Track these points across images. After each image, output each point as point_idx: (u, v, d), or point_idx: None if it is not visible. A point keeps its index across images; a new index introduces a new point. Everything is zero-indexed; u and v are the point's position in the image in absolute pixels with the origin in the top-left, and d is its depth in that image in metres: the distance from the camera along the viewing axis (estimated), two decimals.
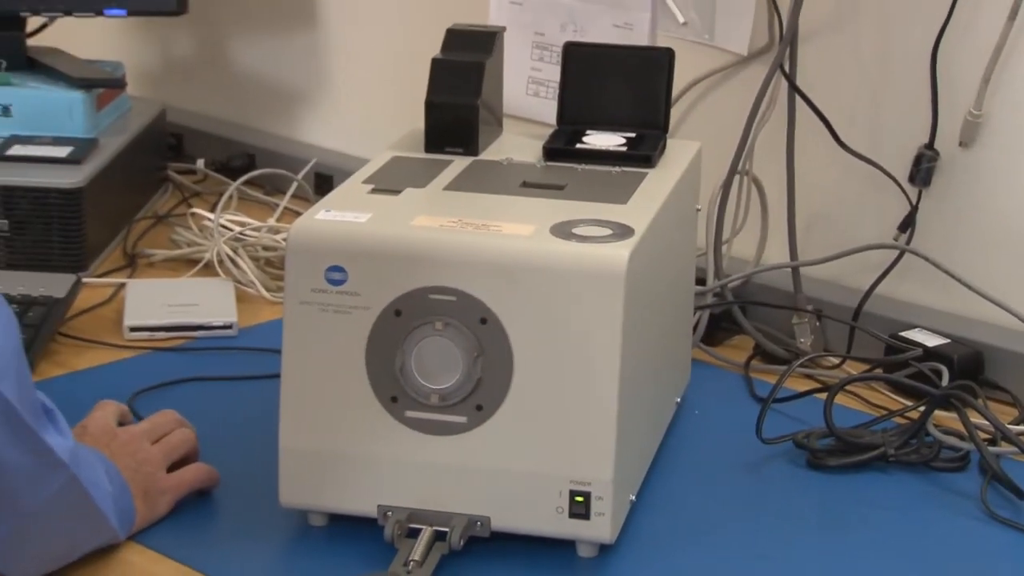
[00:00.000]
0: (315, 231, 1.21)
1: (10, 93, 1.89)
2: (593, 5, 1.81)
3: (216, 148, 2.12)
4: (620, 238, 1.19)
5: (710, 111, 1.75)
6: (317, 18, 2.09)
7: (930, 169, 1.59)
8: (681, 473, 1.36)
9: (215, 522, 1.28)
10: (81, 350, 1.60)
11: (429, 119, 1.40)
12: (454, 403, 1.18)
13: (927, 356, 1.52)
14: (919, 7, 1.58)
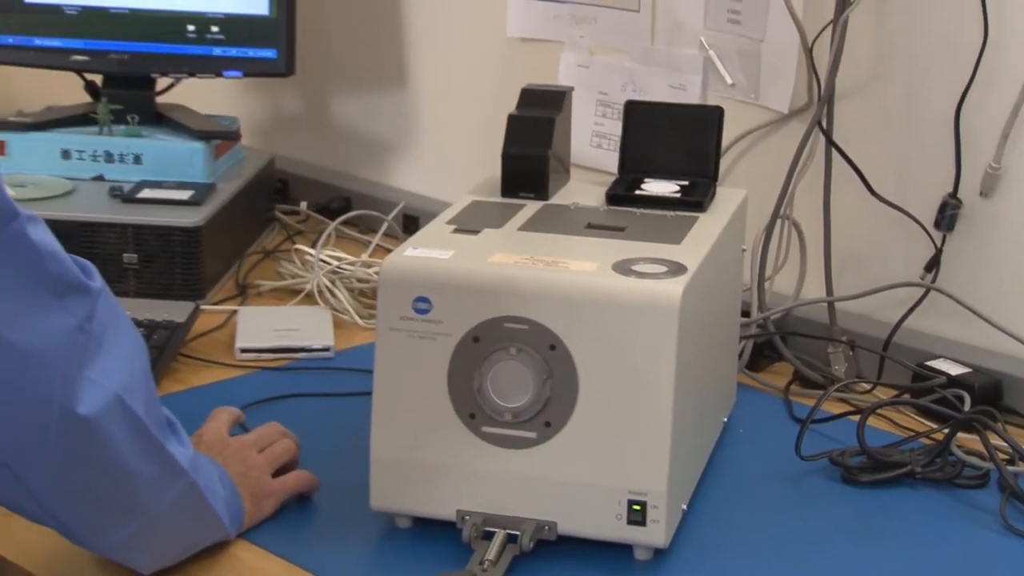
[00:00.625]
0: (404, 266, 1.21)
1: (141, 144, 1.90)
2: (651, 68, 1.81)
3: (317, 192, 2.13)
4: (675, 275, 1.18)
5: (755, 162, 1.74)
6: (407, 79, 2.10)
7: (954, 216, 1.58)
8: (727, 485, 1.35)
9: (313, 523, 1.28)
10: (198, 369, 1.61)
11: (505, 167, 1.40)
12: (525, 420, 1.18)
13: (950, 384, 1.50)
14: (944, 71, 1.56)
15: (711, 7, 1.74)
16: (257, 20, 1.96)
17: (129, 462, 1.06)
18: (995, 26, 1.51)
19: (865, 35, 1.61)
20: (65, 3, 1.96)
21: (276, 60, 1.97)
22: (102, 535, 1.10)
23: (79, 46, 1.96)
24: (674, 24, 1.78)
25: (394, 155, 2.14)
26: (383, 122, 2.14)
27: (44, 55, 1.96)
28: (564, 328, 1.16)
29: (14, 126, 1.91)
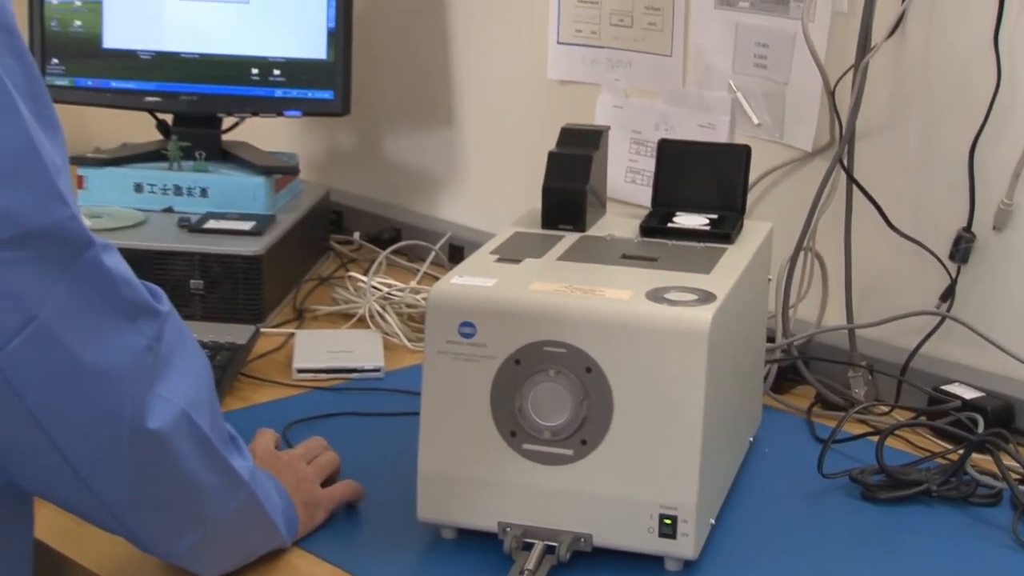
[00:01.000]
0: (450, 293, 1.21)
1: (208, 178, 1.91)
2: (682, 109, 1.81)
3: (369, 223, 2.13)
4: (704, 303, 1.18)
5: (780, 197, 1.73)
6: (454, 117, 2.11)
7: (968, 249, 1.57)
8: (753, 501, 1.34)
9: (363, 533, 1.27)
10: (258, 388, 1.61)
11: (545, 201, 1.40)
12: (563, 438, 1.18)
13: (965, 407, 1.49)
14: (959, 113, 1.56)
15: (739, 52, 1.74)
16: (316, 64, 1.97)
17: (195, 474, 1.06)
18: (1007, 71, 1.50)
19: (884, 79, 1.61)
20: (140, 49, 1.97)
21: (333, 101, 1.98)
22: (169, 543, 1.10)
23: (152, 88, 1.98)
24: (704, 68, 1.78)
25: (441, 189, 2.14)
26: (431, 158, 2.15)
27: (120, 96, 1.98)
28: (600, 352, 1.16)
29: (92, 162, 1.93)
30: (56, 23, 1.96)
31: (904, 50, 1.59)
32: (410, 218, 2.13)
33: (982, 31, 1.51)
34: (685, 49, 1.80)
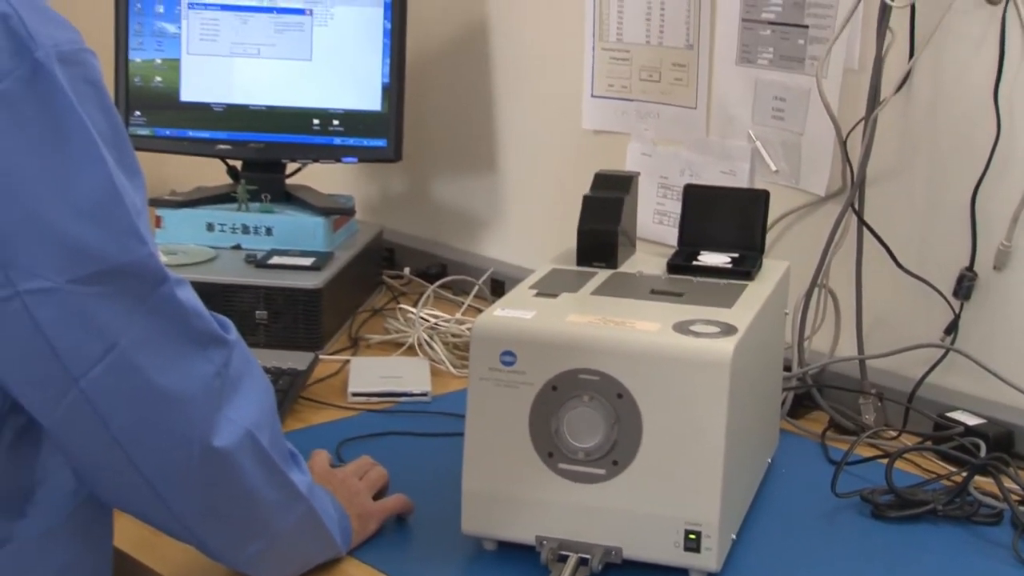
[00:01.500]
0: (493, 324, 1.21)
1: (272, 219, 1.92)
2: (705, 157, 1.81)
3: (418, 259, 2.14)
4: (726, 335, 1.18)
5: (796, 238, 1.73)
6: (496, 164, 2.11)
7: (970, 286, 1.56)
8: (772, 518, 1.33)
9: (412, 544, 1.27)
10: (316, 410, 1.61)
11: (580, 241, 1.40)
12: (596, 459, 1.18)
13: (968, 432, 1.47)
14: (962, 161, 1.55)
15: (758, 105, 1.74)
16: (371, 115, 1.97)
17: (258, 489, 1.06)
18: (1007, 124, 1.50)
19: (892, 130, 1.60)
20: (213, 102, 1.99)
21: (386, 148, 1.98)
22: (235, 551, 1.10)
23: (223, 137, 1.99)
24: (726, 119, 1.78)
25: (484, 228, 2.14)
26: (475, 200, 2.15)
27: (195, 144, 1.99)
28: (630, 379, 1.16)
29: (168, 203, 1.94)
30: (139, 79, 1.98)
31: (911, 104, 1.59)
32: (455, 255, 2.13)
33: (983, 87, 1.51)
34: (708, 102, 1.80)
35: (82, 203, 0.92)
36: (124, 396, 0.97)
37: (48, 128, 0.90)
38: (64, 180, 0.91)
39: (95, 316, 0.94)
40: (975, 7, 1.50)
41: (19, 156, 0.90)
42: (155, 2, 1.96)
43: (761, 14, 1.71)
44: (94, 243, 0.93)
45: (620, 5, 1.86)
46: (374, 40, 1.96)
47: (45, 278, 0.92)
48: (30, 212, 0.90)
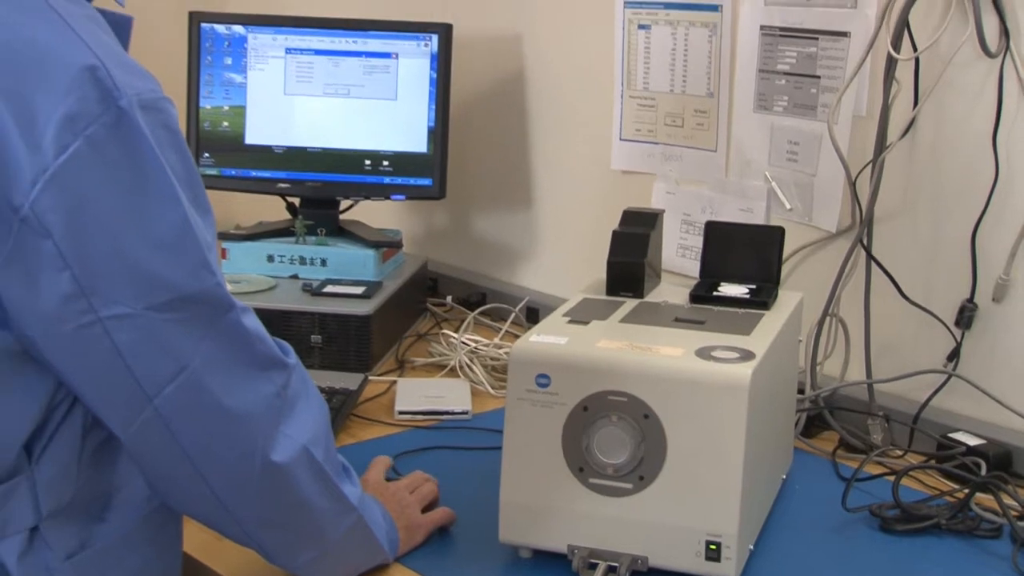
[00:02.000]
0: (529, 349, 1.21)
1: (327, 251, 1.93)
2: (725, 196, 1.81)
3: (460, 288, 2.14)
4: (745, 360, 1.18)
5: (809, 271, 1.72)
6: (532, 201, 2.11)
7: (971, 316, 1.55)
8: (786, 530, 1.32)
9: (453, 552, 1.27)
10: (366, 426, 1.61)
11: (609, 272, 1.40)
12: (624, 474, 1.17)
13: (969, 452, 1.46)
14: (963, 201, 1.54)
15: (774, 148, 1.73)
16: (418, 156, 1.98)
17: (313, 499, 1.06)
18: (1004, 167, 1.49)
19: (898, 172, 1.59)
20: (274, 144, 2.00)
21: (431, 187, 1.99)
22: (291, 556, 1.10)
23: (283, 176, 2.00)
24: (744, 161, 1.78)
25: (521, 260, 2.15)
26: (512, 234, 2.16)
27: (257, 183, 2.00)
28: (656, 401, 1.16)
29: (233, 237, 1.95)
30: (208, 124, 1.99)
31: (915, 148, 1.58)
32: (494, 284, 2.13)
33: (982, 134, 1.50)
34: (728, 145, 1.80)
35: (159, 237, 0.93)
36: (193, 414, 0.97)
37: (130, 169, 0.91)
38: (143, 216, 0.92)
39: (168, 340, 0.95)
40: (975, 60, 1.49)
41: (104, 194, 0.91)
42: (223, 55, 1.99)
43: (777, 65, 1.71)
44: (169, 273, 0.94)
45: (646, 56, 1.87)
46: (421, 88, 1.97)
47: (124, 305, 0.92)
48: (112, 245, 0.91)
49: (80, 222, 0.90)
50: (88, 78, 0.89)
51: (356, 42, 1.98)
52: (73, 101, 0.89)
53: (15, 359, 0.95)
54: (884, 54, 1.54)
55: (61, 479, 1.00)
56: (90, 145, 0.89)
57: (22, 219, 0.89)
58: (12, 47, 0.89)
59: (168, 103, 0.96)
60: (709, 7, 1.77)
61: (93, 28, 0.93)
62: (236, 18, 2.00)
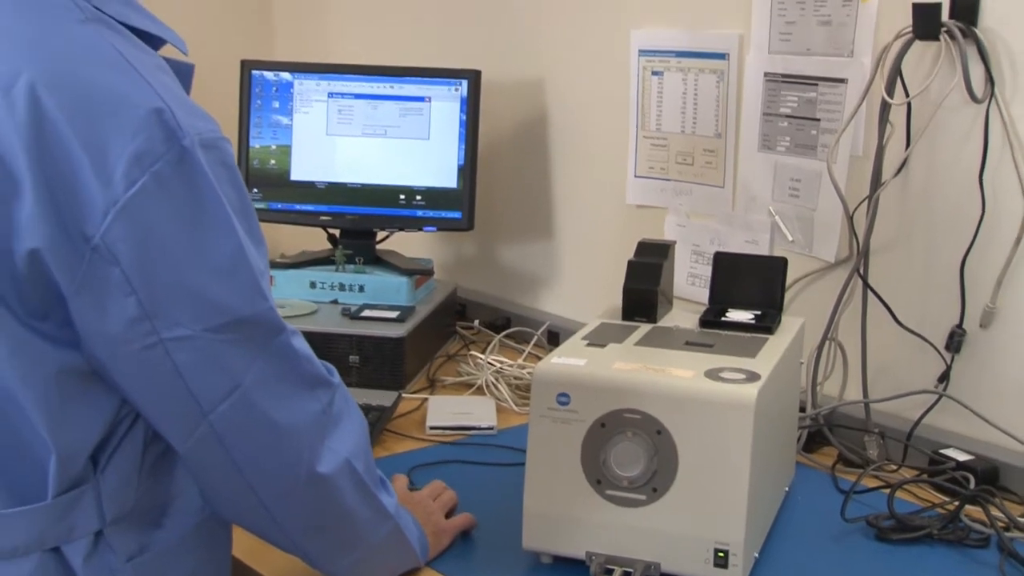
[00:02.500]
0: (550, 370, 1.21)
1: (364, 278, 1.93)
2: (731, 228, 1.80)
3: (486, 313, 2.14)
4: (751, 381, 1.17)
5: (810, 298, 1.71)
6: (553, 232, 2.11)
7: (960, 341, 1.54)
8: (789, 539, 1.32)
9: (479, 557, 1.27)
10: (399, 440, 1.61)
11: (625, 299, 1.40)
12: (638, 486, 1.17)
13: (959, 467, 1.45)
14: (952, 234, 1.53)
15: (777, 185, 1.73)
16: (448, 191, 1.99)
17: (354, 508, 1.06)
18: (990, 203, 1.49)
19: (892, 207, 1.59)
20: (317, 180, 2.01)
21: (461, 219, 1.99)
22: (333, 561, 1.10)
23: (325, 210, 2.01)
24: (749, 197, 1.77)
25: (543, 287, 2.14)
26: (535, 263, 2.16)
27: (301, 216, 2.01)
28: (668, 418, 1.16)
29: (279, 265, 1.96)
30: (257, 162, 2.01)
31: (908, 186, 1.58)
32: (518, 309, 2.13)
33: (970, 172, 1.50)
34: (734, 182, 1.79)
35: (217, 265, 0.93)
36: (245, 428, 0.98)
37: (191, 202, 0.92)
38: (203, 245, 0.93)
39: (224, 359, 0.95)
40: (963, 105, 1.49)
41: (167, 225, 0.91)
42: (271, 99, 2.00)
43: (779, 109, 1.71)
44: (225, 298, 0.94)
45: (659, 100, 1.87)
46: (452, 129, 1.97)
47: (184, 327, 0.93)
48: (174, 271, 0.92)
49: (145, 250, 0.91)
50: (155, 120, 0.90)
51: (392, 87, 1.99)
52: (141, 140, 0.89)
53: (85, 378, 0.95)
54: (879, 99, 1.54)
55: (123, 488, 1.01)
56: (156, 180, 0.90)
57: (93, 248, 0.89)
58: (90, 94, 0.90)
59: (226, 142, 0.97)
60: (717, 55, 1.78)
61: (160, 75, 0.94)
62: (283, 65, 2.02)
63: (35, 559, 0.96)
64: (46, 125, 0.88)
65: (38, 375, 0.93)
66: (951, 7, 1.47)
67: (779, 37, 1.68)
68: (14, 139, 0.88)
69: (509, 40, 2.09)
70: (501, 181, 2.17)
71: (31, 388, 0.93)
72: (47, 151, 0.88)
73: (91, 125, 0.89)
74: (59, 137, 0.88)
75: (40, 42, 0.91)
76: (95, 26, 0.93)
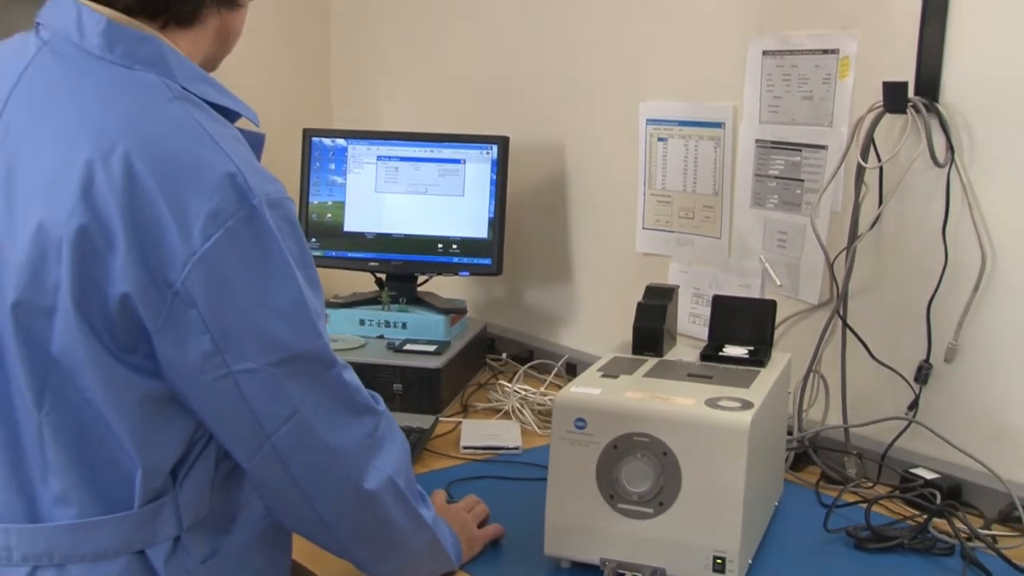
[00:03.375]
0: (569, 398, 1.21)
1: (407, 316, 1.94)
2: (728, 274, 1.80)
3: (512, 347, 2.14)
4: (745, 409, 1.17)
5: (796, 335, 1.70)
6: (572, 277, 2.11)
7: (927, 374, 1.53)
8: (778, 548, 1.31)
9: (506, 562, 1.26)
10: (436, 458, 1.61)
11: (635, 336, 1.40)
12: (646, 500, 1.17)
13: (927, 484, 1.44)
14: (919, 280, 1.53)
15: (767, 236, 1.73)
16: (480, 241, 1.99)
17: (397, 520, 1.06)
18: (952, 253, 1.48)
19: (867, 256, 1.59)
20: (366, 231, 2.02)
21: (490, 265, 2.00)
22: (379, 566, 1.10)
23: (373, 257, 2.02)
24: (743, 247, 1.78)
25: (562, 324, 2.14)
26: (556, 303, 2.16)
27: (352, 263, 2.02)
28: (673, 441, 1.15)
29: (332, 305, 1.96)
30: (316, 215, 2.02)
31: (881, 238, 1.58)
32: (540, 344, 2.13)
33: (934, 227, 1.50)
34: (730, 234, 1.79)
35: (279, 307, 0.94)
36: (302, 449, 0.98)
37: (258, 253, 0.93)
38: (267, 290, 0.94)
39: (284, 389, 0.96)
40: (927, 169, 1.49)
41: (237, 273, 0.92)
42: (329, 161, 2.02)
43: (769, 170, 1.71)
44: (286, 336, 0.95)
45: (664, 162, 1.87)
46: (484, 187, 1.99)
47: (251, 361, 0.93)
48: (243, 313, 0.93)
49: (218, 294, 0.91)
50: (229, 183, 0.91)
51: (432, 151, 2.01)
52: (217, 200, 0.91)
53: (166, 404, 0.96)
54: (855, 163, 1.54)
55: (198, 499, 1.02)
56: (228, 235, 0.91)
57: (175, 293, 0.91)
58: (175, 162, 0.91)
59: (290, 201, 0.98)
60: (714, 124, 1.78)
61: (235, 144, 0.96)
62: (339, 133, 2.04)
63: (123, 561, 0.97)
64: (137, 189, 0.90)
65: (127, 401, 0.94)
66: (916, 85, 1.48)
67: (768, 109, 1.69)
68: (111, 200, 0.90)
69: (534, 110, 2.11)
70: (526, 232, 2.18)
71: (121, 412, 0.94)
72: (138, 211, 0.89)
73: (175, 188, 0.90)
74: (148, 199, 0.89)
75: (134, 118, 0.93)
76: (181, 103, 0.95)
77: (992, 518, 1.38)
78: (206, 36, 1.02)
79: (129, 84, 0.95)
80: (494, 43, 2.16)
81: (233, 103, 1.02)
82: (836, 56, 1.58)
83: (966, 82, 1.45)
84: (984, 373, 1.48)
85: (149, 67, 0.95)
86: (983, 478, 1.44)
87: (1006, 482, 1.41)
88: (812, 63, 1.61)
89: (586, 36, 1.98)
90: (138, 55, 0.95)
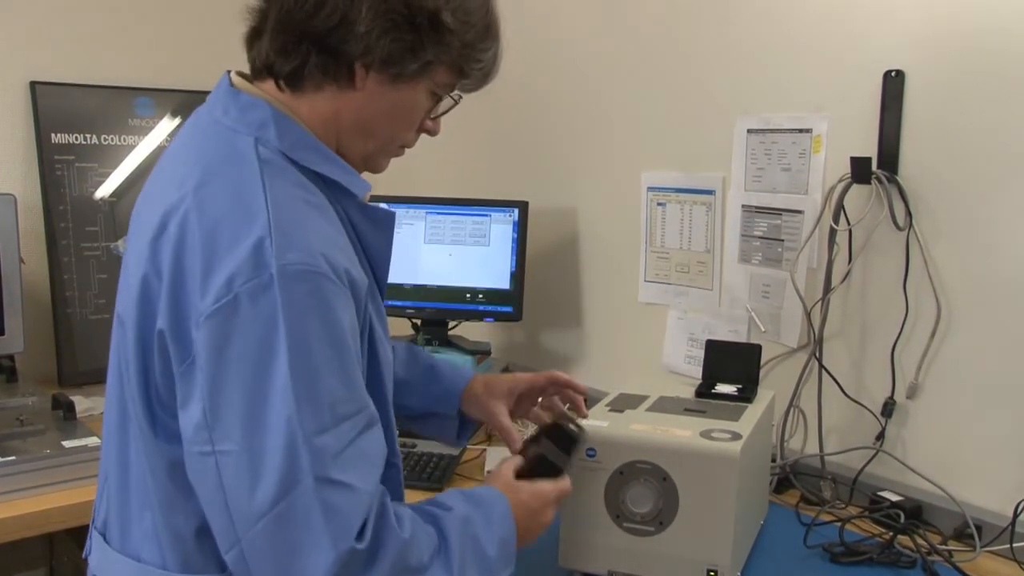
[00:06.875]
0: None
1: (439, 357, 1.87)
2: (719, 321, 1.80)
3: None
4: (735, 439, 1.16)
5: (778, 375, 1.71)
6: (583, 321, 2.10)
7: (892, 408, 1.54)
8: (764, 561, 1.31)
9: (522, 572, 1.21)
10: (464, 482, 1.59)
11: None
12: (648, 520, 1.16)
13: (892, 506, 1.45)
14: (884, 327, 1.54)
15: (752, 288, 1.74)
16: (503, 291, 1.99)
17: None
18: (912, 304, 1.50)
19: (840, 306, 1.60)
20: (404, 282, 2.02)
21: (512, 312, 1.99)
22: None
23: (410, 305, 2.02)
24: (732, 297, 1.78)
25: (574, 364, 2.13)
26: (568, 346, 2.14)
27: (392, 310, 2.00)
28: (672, 468, 1.15)
29: None
30: None
31: (850, 290, 1.59)
32: None
33: (896, 282, 1.51)
34: (720, 286, 1.80)
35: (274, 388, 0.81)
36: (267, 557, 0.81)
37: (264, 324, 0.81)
38: (267, 368, 0.81)
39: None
40: (890, 232, 1.51)
41: (238, 342, 0.81)
42: None
43: (753, 231, 1.72)
44: (272, 422, 0.81)
45: (663, 223, 1.88)
46: (506, 244, 2.00)
47: (233, 441, 0.81)
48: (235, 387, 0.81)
49: (217, 359, 0.81)
50: (253, 248, 0.82)
51: (460, 218, 2.01)
52: (237, 264, 0.82)
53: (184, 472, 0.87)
54: (828, 226, 1.57)
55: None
56: (236, 301, 0.81)
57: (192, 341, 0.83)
58: (224, 219, 0.84)
59: (322, 277, 0.83)
60: (706, 191, 1.80)
61: (301, 211, 0.85)
62: (381, 199, 2.05)
63: None
64: (186, 239, 0.84)
65: (157, 467, 0.88)
66: (879, 160, 1.51)
67: (752, 179, 1.71)
68: (167, 246, 0.86)
69: (550, 177, 2.12)
70: (543, 283, 2.18)
71: (153, 477, 0.89)
72: (183, 258, 0.84)
73: (213, 245, 0.83)
74: (191, 250, 0.84)
75: (207, 176, 0.87)
76: (260, 166, 0.86)
77: (948, 535, 1.39)
78: (323, 104, 0.91)
79: (222, 145, 0.89)
80: (517, 122, 2.18)
81: (338, 174, 0.91)
82: (810, 135, 1.61)
83: (920, 158, 1.48)
84: (941, 408, 1.49)
85: (253, 130, 0.89)
86: (940, 500, 1.45)
87: (960, 503, 1.42)
88: (790, 140, 1.64)
89: (595, 115, 2.00)
90: (247, 119, 0.90)
